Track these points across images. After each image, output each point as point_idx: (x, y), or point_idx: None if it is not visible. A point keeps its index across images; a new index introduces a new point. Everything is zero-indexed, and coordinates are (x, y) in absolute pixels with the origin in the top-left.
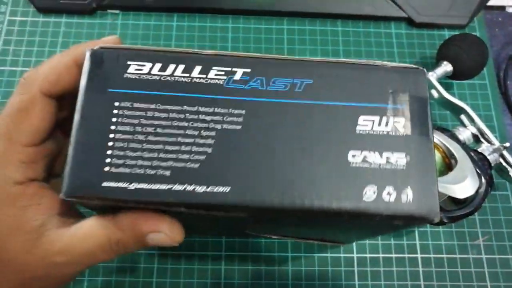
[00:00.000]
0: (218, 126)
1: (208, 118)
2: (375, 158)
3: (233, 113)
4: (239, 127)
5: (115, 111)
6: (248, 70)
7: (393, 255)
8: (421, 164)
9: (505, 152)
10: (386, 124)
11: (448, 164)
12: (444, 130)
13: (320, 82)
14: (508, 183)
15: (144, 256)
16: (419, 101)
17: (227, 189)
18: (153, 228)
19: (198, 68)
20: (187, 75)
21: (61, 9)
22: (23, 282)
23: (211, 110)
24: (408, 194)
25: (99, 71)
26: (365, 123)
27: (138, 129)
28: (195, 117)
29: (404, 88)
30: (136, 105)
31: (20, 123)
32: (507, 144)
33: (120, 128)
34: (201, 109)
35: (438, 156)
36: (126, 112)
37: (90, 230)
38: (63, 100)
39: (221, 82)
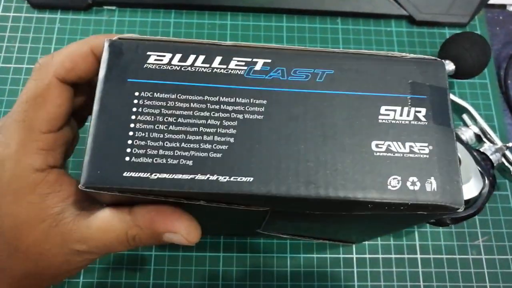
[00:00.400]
0: (240, 116)
1: (229, 108)
2: (398, 148)
3: (254, 103)
4: (260, 116)
5: (135, 101)
6: (269, 60)
7: (393, 256)
8: (443, 153)
9: (507, 152)
10: (408, 114)
11: None
12: None
13: (341, 73)
14: (508, 183)
15: (141, 257)
16: (439, 91)
17: (250, 179)
18: (170, 229)
19: (218, 59)
20: (207, 65)
21: (56, 5)
22: (39, 270)
23: (232, 100)
24: (432, 183)
25: (118, 62)
26: (387, 113)
27: (159, 118)
28: (217, 107)
29: (424, 78)
30: (156, 95)
31: (37, 109)
32: (510, 144)
33: (140, 117)
34: (222, 99)
35: None
36: (147, 102)
37: (108, 223)
38: (77, 88)
39: (241, 72)
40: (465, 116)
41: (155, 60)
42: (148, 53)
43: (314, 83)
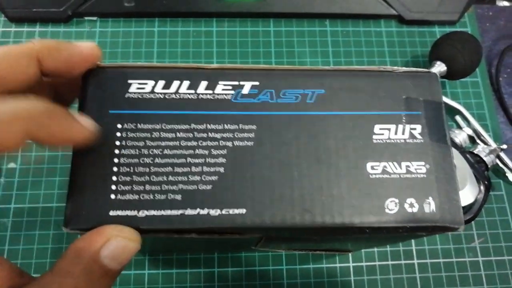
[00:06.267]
0: (229, 144)
1: (218, 135)
2: (394, 169)
3: (243, 129)
4: (251, 143)
5: (118, 134)
6: (257, 83)
7: (390, 262)
8: (441, 172)
9: (501, 154)
10: (403, 132)
11: None
12: None
13: (332, 92)
14: (503, 183)
15: (134, 262)
16: (434, 106)
17: (243, 210)
18: None
19: (204, 84)
20: (192, 91)
21: (34, 17)
22: None
23: (220, 127)
24: (430, 204)
25: (98, 92)
26: (381, 132)
27: (144, 151)
28: (204, 135)
29: (418, 93)
30: (140, 126)
31: None
32: (505, 146)
33: (124, 151)
34: (210, 126)
35: None
36: (130, 134)
37: None
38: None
39: (229, 97)
40: (458, 118)
41: (137, 88)
42: (129, 81)
43: (305, 104)
